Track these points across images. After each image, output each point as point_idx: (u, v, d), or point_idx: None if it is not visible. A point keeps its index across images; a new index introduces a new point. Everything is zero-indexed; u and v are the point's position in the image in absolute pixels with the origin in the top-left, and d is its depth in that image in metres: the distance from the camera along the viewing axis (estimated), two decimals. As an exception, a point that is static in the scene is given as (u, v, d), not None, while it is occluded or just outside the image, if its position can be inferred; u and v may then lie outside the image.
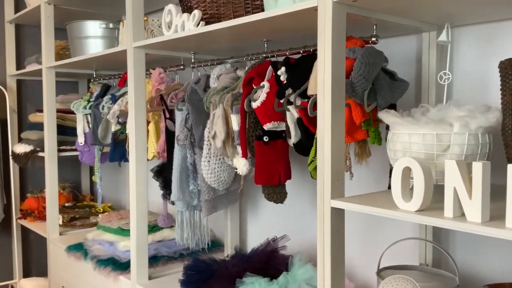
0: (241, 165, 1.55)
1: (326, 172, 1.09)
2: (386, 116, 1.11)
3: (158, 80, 2.03)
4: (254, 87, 1.52)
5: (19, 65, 3.04)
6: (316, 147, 1.29)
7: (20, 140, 2.95)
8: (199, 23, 1.56)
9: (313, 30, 1.38)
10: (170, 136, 1.96)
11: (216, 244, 2.20)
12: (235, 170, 1.78)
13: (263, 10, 1.52)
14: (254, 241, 2.13)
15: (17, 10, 2.96)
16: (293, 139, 1.46)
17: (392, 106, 1.32)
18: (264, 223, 2.10)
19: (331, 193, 1.08)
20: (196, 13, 1.55)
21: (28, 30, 3.11)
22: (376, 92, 1.28)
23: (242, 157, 1.55)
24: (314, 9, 1.12)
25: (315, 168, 1.31)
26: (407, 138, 1.05)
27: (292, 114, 1.43)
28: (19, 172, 3.05)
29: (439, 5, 1.16)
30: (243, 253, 1.79)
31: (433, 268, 1.40)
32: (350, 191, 1.21)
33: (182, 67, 1.99)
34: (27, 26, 3.09)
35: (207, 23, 1.56)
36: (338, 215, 1.10)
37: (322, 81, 1.09)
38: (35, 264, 3.18)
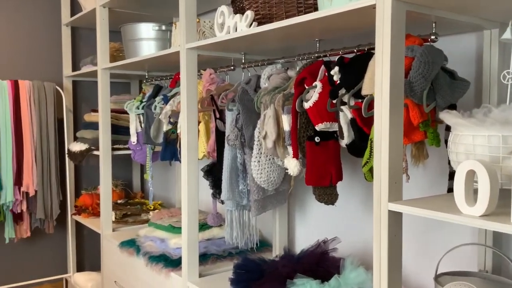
0: (292, 165, 1.54)
1: (383, 174, 1.06)
2: (447, 116, 1.07)
3: (209, 80, 2.06)
4: (306, 87, 1.50)
5: (75, 66, 3.17)
6: (371, 148, 1.27)
7: (75, 139, 3.07)
8: (251, 24, 1.56)
9: (368, 28, 1.36)
10: (220, 136, 1.98)
11: (264, 244, 2.21)
12: (285, 171, 1.78)
13: (315, 9, 1.51)
14: (302, 242, 2.12)
15: (73, 13, 3.09)
16: (346, 140, 1.43)
17: (452, 107, 1.28)
18: (313, 224, 2.09)
19: (389, 196, 1.06)
20: (249, 13, 1.56)
21: (83, 33, 3.23)
22: (435, 92, 1.24)
23: (293, 157, 1.54)
24: (372, 7, 1.09)
25: (370, 169, 1.28)
26: (471, 140, 1.01)
27: (346, 114, 1.40)
28: (74, 169, 3.18)
29: (503, 1, 1.11)
30: (292, 254, 1.78)
31: (493, 275, 1.34)
32: (405, 194, 1.17)
33: (232, 67, 2.00)
34: (82, 28, 3.21)
35: (259, 24, 1.57)
36: (395, 219, 1.07)
37: (380, 80, 1.07)
38: (88, 258, 3.30)
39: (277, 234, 2.11)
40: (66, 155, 2.99)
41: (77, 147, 2.85)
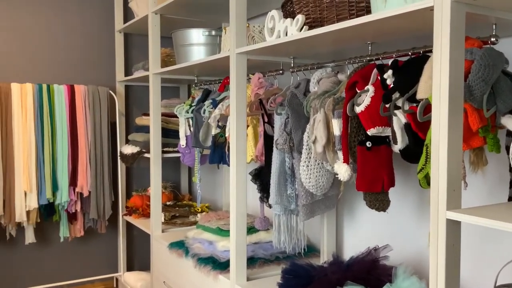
0: (343, 171, 1.52)
1: (441, 182, 1.03)
2: (510, 122, 1.02)
3: (257, 84, 2.07)
4: (358, 91, 1.48)
5: (127, 71, 3.27)
6: (426, 154, 1.23)
7: (127, 141, 3.17)
8: (302, 28, 1.56)
9: (424, 30, 1.32)
10: (268, 140, 1.98)
11: (311, 250, 2.19)
12: (335, 176, 1.76)
13: (367, 12, 1.49)
14: (351, 249, 2.08)
15: (126, 20, 3.19)
16: (399, 145, 1.40)
17: (514, 111, 1.22)
18: (362, 231, 2.04)
19: (447, 204, 1.02)
20: (300, 17, 1.55)
21: (135, 39, 3.33)
22: (496, 96, 1.18)
23: (344, 162, 1.52)
24: (430, 9, 1.06)
25: (425, 176, 1.24)
26: (537, 147, 0.96)
27: (399, 119, 1.37)
28: (125, 171, 3.28)
29: None
30: (341, 260, 1.75)
31: (558, 291, 1.26)
32: (463, 202, 1.13)
33: (281, 71, 2.00)
34: (134, 35, 3.32)
35: (310, 28, 1.56)
36: (454, 228, 1.03)
37: (438, 84, 1.03)
38: (137, 258, 3.39)
39: (325, 240, 2.09)
40: (118, 157, 3.09)
41: (129, 149, 2.93)
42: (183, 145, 2.66)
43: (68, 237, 2.96)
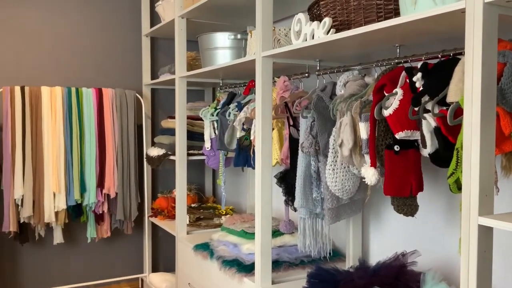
0: (370, 174, 1.50)
1: (473, 187, 1.00)
2: (545, 126, 0.99)
3: (283, 87, 2.07)
4: (386, 94, 1.46)
5: (153, 75, 3.32)
6: (457, 159, 1.21)
7: (153, 144, 3.21)
8: (329, 31, 1.55)
9: (454, 33, 1.30)
10: (293, 143, 1.98)
11: (336, 254, 2.17)
12: (362, 180, 1.74)
13: (395, 14, 1.47)
14: (377, 254, 2.06)
15: (152, 24, 3.24)
16: (428, 149, 1.38)
17: (549, 115, 1.18)
18: (389, 236, 2.02)
19: (479, 210, 1.00)
20: (327, 20, 1.55)
21: (161, 43, 3.38)
22: (530, 99, 1.15)
23: (371, 166, 1.50)
24: (461, 11, 1.04)
25: (456, 181, 1.22)
26: None
27: (429, 122, 1.35)
28: (151, 173, 3.32)
29: None
30: (368, 265, 1.74)
31: None
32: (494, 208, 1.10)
33: (307, 74, 2.00)
34: (160, 38, 3.36)
35: (337, 31, 1.55)
36: (486, 234, 1.01)
37: (470, 87, 1.01)
38: (163, 259, 3.42)
39: (351, 244, 2.07)
40: (145, 160, 3.13)
41: (155, 152, 2.97)
42: (208, 148, 2.68)
43: (95, 237, 3.01)
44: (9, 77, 2.92)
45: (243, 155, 2.35)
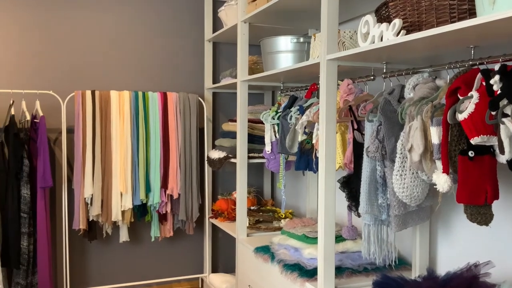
0: (442, 181, 1.44)
1: (563, 196, 0.94)
2: None
3: (347, 91, 2.04)
4: (460, 97, 1.40)
5: (215, 79, 3.38)
6: (541, 166, 1.13)
7: (213, 146, 3.26)
8: (399, 33, 1.51)
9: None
10: (357, 148, 1.94)
11: (402, 262, 2.11)
12: (431, 186, 1.68)
13: (470, 14, 1.41)
14: (445, 264, 1.98)
15: (214, 30, 3.30)
16: (507, 155, 1.30)
17: None
18: (459, 245, 1.93)
19: None
20: (397, 22, 1.51)
21: (222, 47, 3.44)
22: None
23: (443, 172, 1.45)
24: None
25: (540, 190, 1.15)
26: None
27: (508, 127, 1.27)
28: (211, 175, 3.38)
29: None
30: (437, 275, 1.67)
31: None
32: None
33: (372, 77, 1.96)
34: (222, 43, 3.42)
35: (407, 32, 1.51)
36: None
37: (560, 91, 0.95)
38: (222, 260, 3.48)
39: (417, 253, 2.00)
40: (206, 162, 3.19)
41: (216, 154, 3.02)
42: (268, 151, 2.68)
43: (159, 237, 3.11)
44: (81, 81, 3.09)
45: (305, 159, 2.34)
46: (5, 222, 2.68)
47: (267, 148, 2.69)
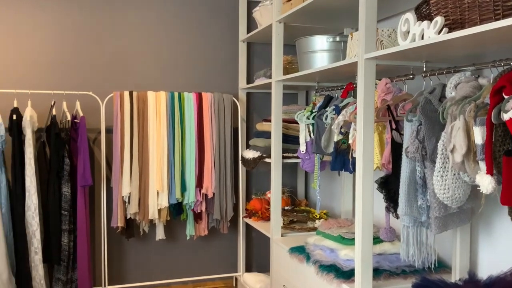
0: (486, 183, 1.40)
1: None
2: None
3: (385, 90, 2.01)
4: (505, 96, 1.36)
5: (249, 79, 3.39)
6: None
7: (248, 146, 3.28)
8: (441, 31, 1.48)
9: None
10: (396, 148, 1.91)
11: (441, 265, 2.06)
12: (473, 188, 1.64)
13: (516, 10, 1.37)
14: (487, 267, 1.92)
15: (249, 30, 3.32)
16: (556, 157, 1.26)
17: None
18: (501, 249, 1.87)
19: None
20: (439, 19, 1.48)
21: (256, 47, 3.45)
22: None
23: (487, 174, 1.41)
24: None
25: None
26: None
27: (557, 127, 1.23)
28: (245, 175, 3.40)
29: None
30: (478, 279, 1.63)
31: None
32: None
33: (411, 76, 1.92)
34: (256, 43, 3.43)
35: (449, 30, 1.47)
36: None
37: None
38: (255, 260, 3.49)
39: (457, 255, 1.95)
40: (240, 161, 3.21)
41: (250, 154, 3.03)
42: (303, 151, 2.67)
43: (194, 235, 3.14)
44: (119, 82, 3.16)
45: (340, 159, 2.32)
46: (47, 219, 2.77)
47: (302, 148, 2.68)
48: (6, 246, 2.62)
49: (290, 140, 2.91)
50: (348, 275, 1.97)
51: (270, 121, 2.95)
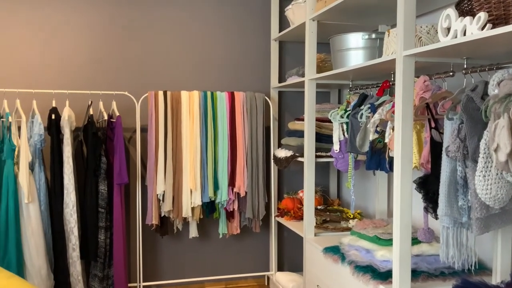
0: (533, 183, 1.36)
1: None
2: None
3: (423, 88, 1.97)
4: (554, 94, 1.31)
5: (281, 78, 3.38)
6: None
7: (279, 145, 3.27)
8: (484, 26, 1.43)
9: None
10: (435, 147, 1.87)
11: (481, 267, 2.01)
12: (518, 188, 1.59)
13: None
14: (530, 270, 1.86)
15: (281, 29, 3.31)
16: None
17: None
18: (546, 251, 1.81)
19: None
20: (482, 15, 1.43)
21: (288, 46, 3.43)
22: None
23: (534, 174, 1.36)
24: None
25: None
26: None
27: None
28: (277, 174, 3.39)
29: None
30: (523, 282, 1.57)
31: None
32: None
33: (451, 73, 1.87)
34: (288, 42, 3.42)
35: (493, 26, 1.43)
36: None
37: None
38: (287, 259, 3.48)
39: (498, 257, 1.89)
40: (272, 161, 3.21)
41: (282, 153, 3.02)
42: (336, 150, 2.65)
43: (226, 234, 3.16)
44: (153, 82, 3.20)
45: (376, 158, 2.29)
46: (84, 217, 2.84)
47: (335, 147, 2.65)
48: (45, 242, 2.71)
49: (322, 139, 2.89)
50: (385, 276, 1.94)
51: (302, 120, 2.93)
